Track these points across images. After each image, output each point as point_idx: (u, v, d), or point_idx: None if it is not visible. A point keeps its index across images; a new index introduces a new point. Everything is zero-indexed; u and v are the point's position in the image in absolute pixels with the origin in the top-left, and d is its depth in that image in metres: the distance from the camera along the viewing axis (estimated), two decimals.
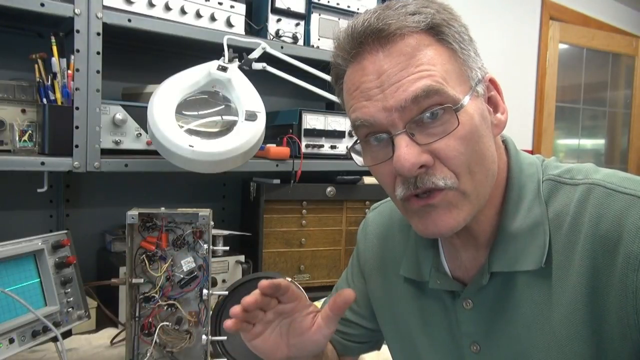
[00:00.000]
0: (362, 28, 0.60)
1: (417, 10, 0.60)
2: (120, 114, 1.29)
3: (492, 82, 0.66)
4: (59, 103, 1.19)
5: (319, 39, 1.64)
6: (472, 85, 0.62)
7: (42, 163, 1.15)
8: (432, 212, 0.61)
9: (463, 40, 0.62)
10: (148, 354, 1.05)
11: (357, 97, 0.62)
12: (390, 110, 0.58)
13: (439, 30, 0.60)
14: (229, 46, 1.30)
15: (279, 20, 1.58)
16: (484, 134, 0.61)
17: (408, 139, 0.59)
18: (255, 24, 1.62)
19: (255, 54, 1.36)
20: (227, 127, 1.22)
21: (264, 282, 0.67)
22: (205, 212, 1.06)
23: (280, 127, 1.59)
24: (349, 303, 0.67)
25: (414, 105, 0.58)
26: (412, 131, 0.59)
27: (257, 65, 1.37)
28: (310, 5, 1.62)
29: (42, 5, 1.13)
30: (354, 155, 0.68)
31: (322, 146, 1.58)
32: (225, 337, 1.13)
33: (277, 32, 1.57)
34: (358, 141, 0.66)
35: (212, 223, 1.08)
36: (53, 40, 1.18)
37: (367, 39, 0.60)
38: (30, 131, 1.20)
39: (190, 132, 1.18)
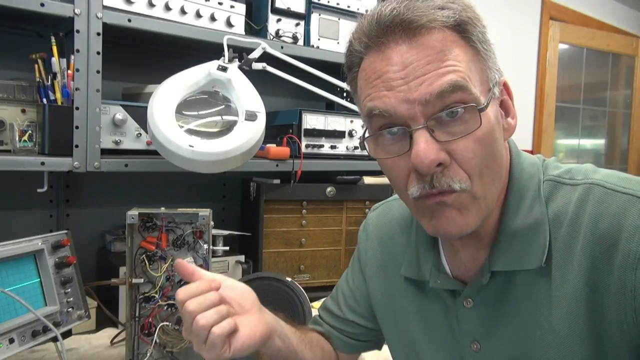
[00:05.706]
0: (391, 17, 0.58)
1: (445, 5, 0.59)
2: (120, 114, 1.29)
3: (505, 86, 0.66)
4: (59, 103, 1.19)
5: (319, 39, 1.64)
6: (490, 86, 0.61)
7: (42, 163, 1.15)
8: (445, 212, 0.60)
9: (485, 40, 0.62)
10: (148, 354, 1.05)
11: (377, 86, 0.60)
12: (413, 103, 0.57)
13: (464, 29, 0.59)
14: (229, 46, 1.30)
15: (279, 20, 1.58)
16: (497, 137, 0.61)
17: (428, 134, 0.58)
18: (255, 24, 1.62)
19: (255, 54, 1.36)
20: (227, 127, 1.22)
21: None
22: (205, 212, 1.06)
23: (280, 127, 1.59)
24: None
25: (438, 100, 0.57)
26: (431, 127, 0.58)
27: (257, 65, 1.37)
28: (310, 5, 1.62)
29: (42, 5, 1.13)
30: (367, 146, 0.65)
31: (322, 146, 1.58)
32: None
33: (277, 32, 1.57)
34: (368, 133, 0.64)
35: (212, 223, 1.08)
36: (53, 40, 1.18)
37: (394, 28, 0.58)
38: (30, 131, 1.20)
39: (190, 132, 1.18)
